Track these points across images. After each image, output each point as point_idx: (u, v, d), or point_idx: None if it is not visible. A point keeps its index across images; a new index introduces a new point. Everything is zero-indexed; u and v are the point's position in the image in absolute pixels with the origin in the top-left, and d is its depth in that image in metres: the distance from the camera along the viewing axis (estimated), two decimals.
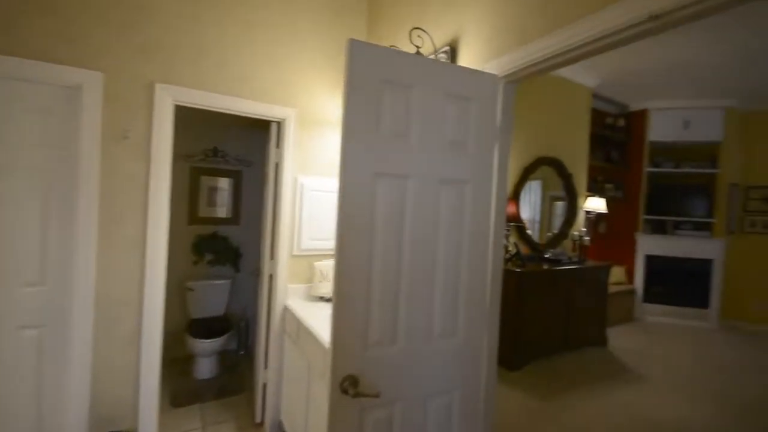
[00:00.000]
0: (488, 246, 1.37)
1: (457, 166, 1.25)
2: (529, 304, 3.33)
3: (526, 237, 3.97)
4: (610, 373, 3.35)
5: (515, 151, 3.88)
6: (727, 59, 3.76)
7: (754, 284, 5.09)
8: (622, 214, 5.49)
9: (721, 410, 2.76)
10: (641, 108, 5.32)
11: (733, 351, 4.12)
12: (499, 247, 1.43)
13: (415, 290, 1.19)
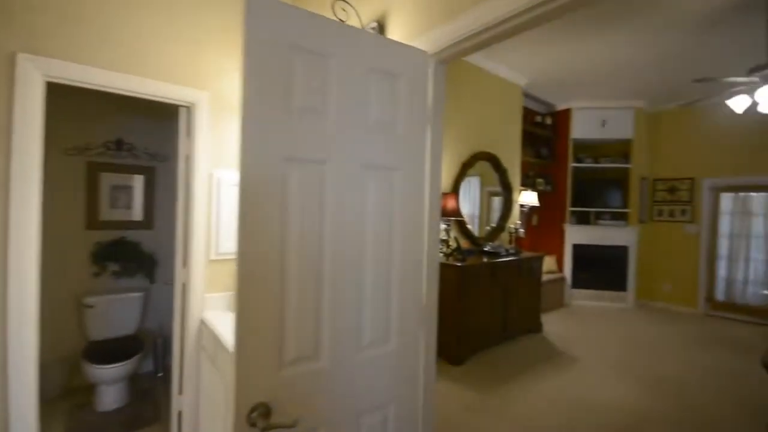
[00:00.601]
0: (423, 239, 1.24)
1: (384, 150, 1.11)
2: (471, 297, 3.34)
3: (466, 231, 4.01)
4: (546, 358, 3.48)
5: (454, 146, 3.89)
6: (637, 63, 4.11)
7: (662, 267, 5.70)
8: (551, 207, 5.83)
9: (645, 386, 2.98)
10: (565, 107, 5.69)
11: (648, 329, 4.54)
12: (434, 241, 1.31)
13: (340, 293, 1.03)
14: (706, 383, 3.04)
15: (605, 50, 3.83)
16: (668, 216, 5.67)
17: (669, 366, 3.38)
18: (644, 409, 2.60)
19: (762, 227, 4.89)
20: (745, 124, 4.92)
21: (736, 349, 3.87)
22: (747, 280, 5.01)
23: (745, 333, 4.44)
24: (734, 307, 5.11)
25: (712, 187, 5.29)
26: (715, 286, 5.27)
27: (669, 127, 5.66)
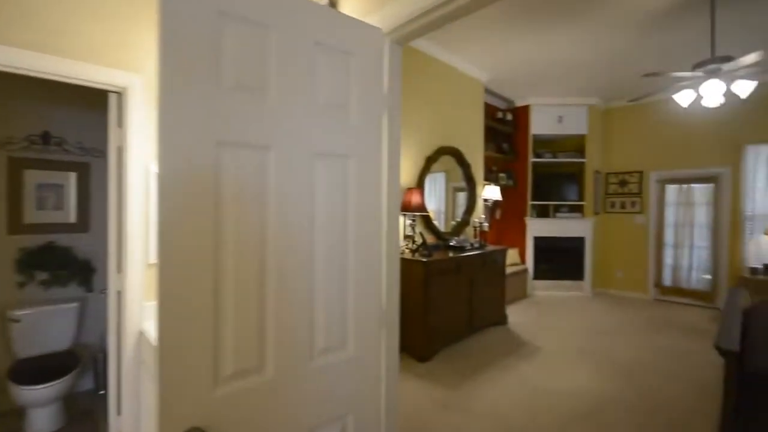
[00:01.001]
0: (381, 236, 1.15)
1: (336, 136, 1.00)
2: (437, 292, 3.30)
3: (431, 226, 3.98)
4: (511, 349, 3.52)
5: (418, 140, 3.84)
6: (590, 60, 4.26)
7: (615, 256, 6.01)
8: (513, 201, 5.96)
9: (605, 371, 3.08)
10: (525, 104, 5.83)
11: (604, 315, 4.75)
12: (394, 237, 1.22)
13: (287, 296, 0.91)
14: (660, 366, 3.19)
15: (561, 48, 3.93)
16: (620, 208, 5.97)
17: (625, 350, 3.54)
18: (605, 394, 2.68)
19: (704, 217, 5.25)
20: (687, 120, 5.26)
21: (684, 331, 4.12)
22: (691, 266, 5.38)
23: (691, 316, 4.76)
24: (680, 291, 5.47)
25: (658, 180, 5.63)
26: (663, 272, 5.62)
27: (620, 123, 5.95)
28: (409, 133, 3.73)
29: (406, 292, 3.33)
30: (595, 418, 2.37)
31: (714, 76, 2.68)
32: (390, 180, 1.18)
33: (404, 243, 3.57)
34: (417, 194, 3.42)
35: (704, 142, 5.16)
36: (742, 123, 4.83)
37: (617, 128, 5.98)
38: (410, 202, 3.36)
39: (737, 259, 4.88)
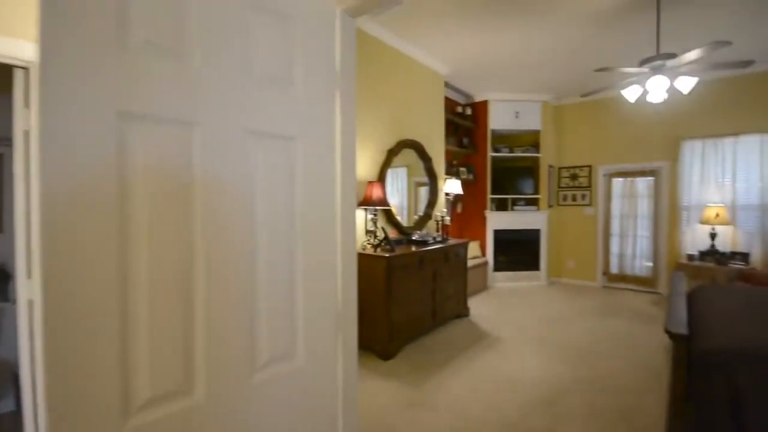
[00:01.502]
0: (335, 230, 1.03)
1: (279, 115, 0.87)
2: (400, 287, 3.24)
3: (394, 221, 3.90)
4: (474, 341, 3.55)
5: (379, 132, 3.74)
6: (544, 57, 4.37)
7: (567, 247, 6.29)
8: (474, 195, 6.05)
9: (562, 359, 3.17)
10: (483, 99, 5.91)
11: (559, 303, 4.94)
12: (350, 228, 1.11)
13: (221, 298, 0.77)
14: (612, 350, 3.34)
15: (517, 43, 3.99)
16: (571, 200, 6.25)
17: (580, 337, 3.68)
18: (563, 381, 2.75)
19: (646, 208, 5.62)
20: (631, 117, 5.59)
21: (631, 316, 4.38)
22: (635, 254, 5.74)
23: (635, 301, 5.08)
24: (625, 278, 5.84)
25: (605, 174, 5.94)
26: (610, 261, 5.96)
27: (571, 119, 6.21)
28: (369, 125, 3.62)
29: (368, 288, 3.24)
30: (555, 406, 2.42)
31: (659, 73, 2.81)
32: (345, 167, 1.07)
33: (366, 238, 3.46)
34: (378, 188, 3.32)
35: (646, 138, 5.51)
36: (680, 120, 5.21)
37: (569, 124, 6.25)
38: (371, 196, 3.26)
39: (675, 246, 5.27)
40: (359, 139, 3.48)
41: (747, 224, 4.74)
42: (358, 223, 3.45)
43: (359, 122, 3.46)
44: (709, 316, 2.27)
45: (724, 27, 3.45)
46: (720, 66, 2.75)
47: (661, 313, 4.51)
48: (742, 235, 4.77)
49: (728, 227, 4.80)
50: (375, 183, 3.33)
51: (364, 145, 3.56)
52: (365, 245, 3.39)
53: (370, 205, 3.26)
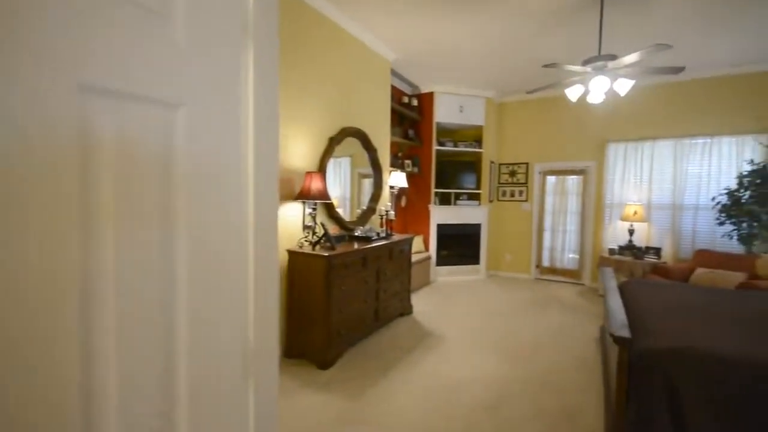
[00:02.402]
0: (246, 235, 0.72)
1: (144, 65, 0.53)
2: (341, 288, 2.96)
3: (335, 216, 3.60)
4: (418, 341, 3.41)
5: (320, 117, 3.38)
6: (489, 53, 4.33)
7: (505, 240, 6.50)
8: (418, 188, 5.95)
9: (503, 355, 3.16)
10: (430, 91, 5.80)
11: (497, 297, 5.05)
12: (269, 234, 0.80)
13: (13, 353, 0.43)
14: (550, 345, 3.42)
15: (463, 36, 3.88)
16: (510, 196, 6.46)
17: (518, 330, 3.73)
18: (507, 381, 2.71)
19: (575, 205, 5.97)
20: (565, 118, 5.86)
21: (563, 308, 4.59)
22: (564, 248, 6.10)
23: (564, 292, 5.38)
24: (555, 271, 6.19)
25: (541, 171, 6.21)
26: (542, 254, 6.27)
27: (511, 117, 6.38)
28: (308, 108, 3.25)
29: (305, 290, 2.92)
30: (501, 409, 2.35)
31: (601, 73, 2.84)
32: (261, 151, 0.76)
33: (304, 234, 3.12)
34: (318, 179, 2.99)
35: (577, 139, 5.82)
36: (607, 123, 5.56)
37: (509, 122, 6.41)
38: (310, 188, 2.92)
39: (599, 241, 5.67)
40: (296, 124, 3.11)
41: (660, 222, 5.23)
42: (294, 219, 3.10)
43: (296, 104, 3.08)
44: (644, 314, 2.34)
45: (662, 34, 3.65)
46: (655, 70, 2.85)
47: (587, 303, 4.81)
48: (656, 231, 5.25)
49: (644, 224, 5.26)
50: (314, 174, 2.99)
51: (302, 130, 3.19)
52: (302, 242, 3.05)
53: (309, 198, 2.92)
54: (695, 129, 4.99)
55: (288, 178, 3.03)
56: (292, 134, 3.06)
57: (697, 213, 4.98)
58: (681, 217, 5.09)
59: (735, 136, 4.76)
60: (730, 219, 4.48)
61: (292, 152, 3.08)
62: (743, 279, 3.91)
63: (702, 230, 4.96)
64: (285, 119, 2.99)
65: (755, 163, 4.42)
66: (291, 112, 3.06)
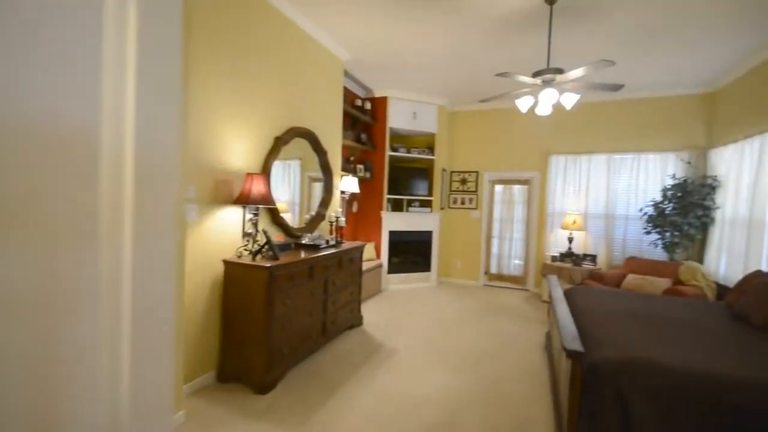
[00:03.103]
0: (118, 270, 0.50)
1: None
2: (286, 302, 2.70)
3: (280, 222, 3.31)
4: (368, 356, 3.23)
5: (264, 114, 3.10)
6: (442, 60, 4.33)
7: (456, 248, 6.57)
8: (370, 194, 5.80)
9: (453, 368, 3.07)
10: (383, 95, 5.70)
11: (448, 305, 5.03)
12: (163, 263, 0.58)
13: None
14: (500, 354, 3.41)
15: (419, 39, 3.82)
16: (460, 204, 6.55)
17: (469, 340, 3.70)
18: (461, 396, 2.61)
19: (521, 213, 6.19)
20: (512, 129, 6.08)
21: (510, 315, 4.67)
22: (510, 255, 6.29)
23: (511, 298, 5.52)
24: (503, 277, 6.35)
25: (490, 180, 6.37)
26: (491, 261, 6.42)
27: (463, 126, 6.49)
28: (252, 103, 2.96)
29: (243, 305, 2.61)
30: (456, 427, 2.23)
31: (549, 86, 2.90)
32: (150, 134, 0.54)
33: (243, 243, 2.81)
34: (260, 182, 2.71)
35: (523, 150, 6.06)
36: (550, 136, 5.85)
37: (461, 130, 6.51)
38: (250, 191, 2.63)
39: (542, 248, 5.91)
40: (238, 120, 2.81)
41: (595, 231, 5.57)
42: (232, 225, 2.78)
43: (239, 99, 2.79)
44: (591, 323, 2.37)
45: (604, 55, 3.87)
46: (598, 86, 2.97)
47: (532, 309, 4.96)
48: (592, 239, 5.59)
49: (582, 233, 5.57)
50: (256, 175, 2.71)
51: (245, 128, 2.90)
52: (241, 252, 2.74)
53: (249, 202, 2.63)
54: (625, 146, 5.40)
55: (226, 179, 2.72)
56: (232, 131, 2.76)
57: (628, 223, 5.38)
58: (613, 226, 5.46)
59: (659, 152, 5.22)
60: (656, 229, 4.88)
61: (232, 151, 2.77)
62: (668, 285, 4.24)
63: (631, 239, 5.36)
64: (225, 115, 2.68)
65: (676, 178, 4.87)
66: (233, 108, 2.76)
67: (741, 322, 2.42)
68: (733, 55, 3.95)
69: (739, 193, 4.14)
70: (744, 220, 3.97)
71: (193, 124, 2.39)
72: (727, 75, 4.53)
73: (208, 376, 2.63)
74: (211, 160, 2.57)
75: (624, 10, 3.06)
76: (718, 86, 4.81)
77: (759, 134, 3.76)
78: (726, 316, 2.58)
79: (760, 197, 3.71)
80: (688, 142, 5.08)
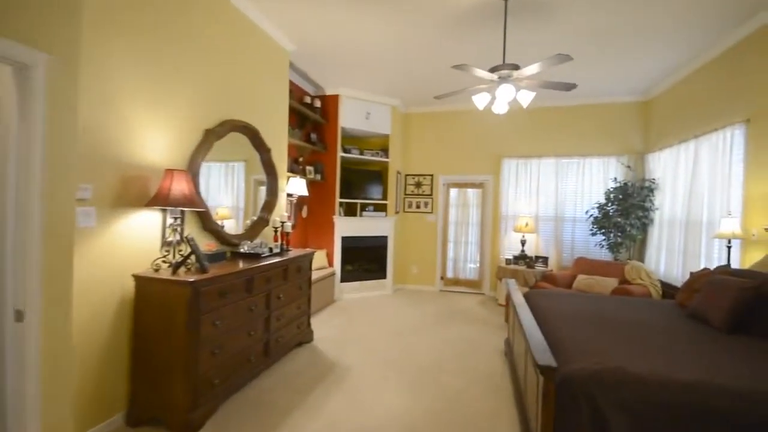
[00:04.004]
0: None
1: None
2: (215, 324, 2.27)
3: (212, 229, 2.86)
4: (318, 378, 2.87)
5: (189, 101, 2.65)
6: (397, 57, 4.14)
7: (411, 253, 6.38)
8: (322, 198, 5.44)
9: (411, 385, 2.81)
10: (335, 93, 5.39)
11: (404, 314, 4.79)
12: None
13: None
14: (459, 365, 3.21)
15: (370, 33, 3.59)
16: (416, 207, 6.39)
17: (427, 352, 3.47)
18: (420, 418, 2.35)
19: (475, 216, 6.16)
20: (466, 132, 6.05)
21: (467, 320, 4.53)
22: (466, 259, 6.23)
23: (467, 303, 5.42)
24: (458, 282, 6.27)
25: (444, 183, 6.28)
26: (447, 265, 6.31)
27: (417, 128, 6.35)
28: (180, 91, 2.51)
29: (160, 331, 2.14)
30: None
31: (506, 82, 2.78)
32: None
33: (162, 253, 2.34)
34: (183, 179, 2.27)
35: (477, 154, 6.05)
36: (502, 139, 5.89)
37: (415, 133, 6.37)
38: (169, 190, 2.18)
39: (497, 251, 5.91)
40: (160, 108, 2.35)
41: (546, 233, 5.66)
42: (148, 232, 2.31)
43: (164, 84, 2.34)
44: (555, 330, 2.22)
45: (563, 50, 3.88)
46: (551, 85, 2.91)
47: (489, 314, 4.87)
48: (543, 241, 5.67)
49: (534, 235, 5.63)
50: (177, 172, 2.27)
51: (168, 117, 2.44)
52: (159, 264, 2.27)
53: (169, 204, 2.18)
54: (571, 150, 5.57)
55: (139, 176, 2.24)
56: (150, 120, 2.29)
57: (575, 225, 5.52)
58: (562, 228, 5.58)
59: (602, 157, 5.43)
60: (601, 230, 5.03)
61: (149, 143, 2.30)
62: (615, 284, 4.35)
63: (579, 240, 5.51)
64: (142, 102, 2.22)
65: (618, 181, 5.07)
66: (153, 95, 2.30)
67: (697, 322, 2.41)
68: (667, 64, 4.17)
69: (675, 194, 4.36)
70: (681, 220, 4.18)
71: (89, 110, 1.92)
72: (659, 85, 4.82)
73: (114, 421, 2.12)
74: (118, 152, 2.10)
75: (577, 10, 3.05)
76: (651, 95, 5.11)
77: (694, 138, 3.97)
78: (680, 315, 2.58)
79: (696, 198, 3.91)
80: (627, 147, 5.34)
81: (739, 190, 3.36)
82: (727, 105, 3.60)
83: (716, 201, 3.61)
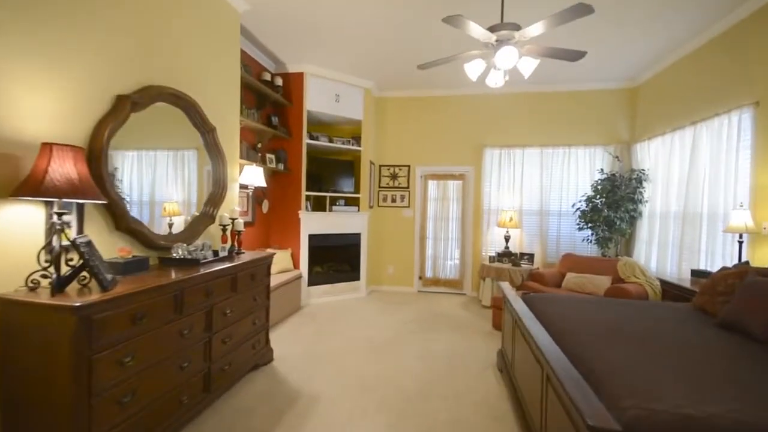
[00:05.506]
0: None
1: None
2: (123, 363, 1.62)
3: (133, 229, 2.16)
4: (278, 414, 2.27)
5: (108, 63, 1.94)
6: (371, 30, 3.55)
7: (387, 251, 5.84)
8: (286, 191, 4.79)
9: (392, 414, 2.27)
10: (299, 71, 4.73)
11: (381, 322, 4.25)
12: None
13: None
14: (444, 382, 2.71)
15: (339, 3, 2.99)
16: (391, 201, 5.85)
17: (407, 369, 2.95)
18: None
19: (456, 211, 5.70)
20: (445, 119, 5.56)
21: (451, 326, 4.05)
22: (446, 256, 5.77)
23: (449, 305, 4.96)
24: (438, 282, 5.80)
25: (422, 175, 5.78)
26: (425, 264, 5.83)
27: (392, 114, 5.79)
28: (84, 42, 1.80)
29: (36, 379, 1.43)
30: None
31: (507, 44, 2.28)
32: None
33: (42, 264, 1.63)
34: (71, 158, 1.59)
35: (457, 142, 5.58)
36: (484, 127, 5.45)
37: (390, 119, 5.81)
38: (45, 173, 1.50)
39: (479, 248, 5.49)
40: (46, 61, 1.63)
41: (530, 228, 5.30)
42: (19, 236, 1.60)
43: (56, 31, 1.61)
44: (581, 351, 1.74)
45: None
46: (557, 53, 2.44)
47: (473, 317, 4.43)
48: (527, 237, 5.30)
49: (518, 230, 5.25)
50: (61, 147, 1.57)
51: (62, 75, 1.73)
52: (37, 281, 1.57)
53: (43, 194, 1.49)
54: (556, 140, 5.22)
55: (6, 153, 1.54)
56: (30, 75, 1.59)
57: (561, 219, 5.19)
58: (548, 222, 5.24)
59: (588, 147, 5.11)
60: (589, 224, 4.71)
61: (26, 109, 1.59)
62: (609, 283, 4.02)
63: (565, 235, 5.19)
64: (20, 50, 1.50)
65: (604, 173, 4.76)
66: (38, 41, 1.59)
67: (731, 332, 2.03)
68: (657, 46, 3.85)
69: (669, 186, 4.08)
70: (677, 213, 3.89)
71: None
72: (647, 71, 4.54)
73: None
74: None
75: None
76: (639, 81, 4.83)
77: (691, 125, 3.67)
78: (707, 324, 2.20)
79: (694, 189, 3.61)
80: (614, 136, 5.06)
81: (746, 179, 3.07)
82: (731, 87, 3.30)
83: (719, 192, 3.32)
